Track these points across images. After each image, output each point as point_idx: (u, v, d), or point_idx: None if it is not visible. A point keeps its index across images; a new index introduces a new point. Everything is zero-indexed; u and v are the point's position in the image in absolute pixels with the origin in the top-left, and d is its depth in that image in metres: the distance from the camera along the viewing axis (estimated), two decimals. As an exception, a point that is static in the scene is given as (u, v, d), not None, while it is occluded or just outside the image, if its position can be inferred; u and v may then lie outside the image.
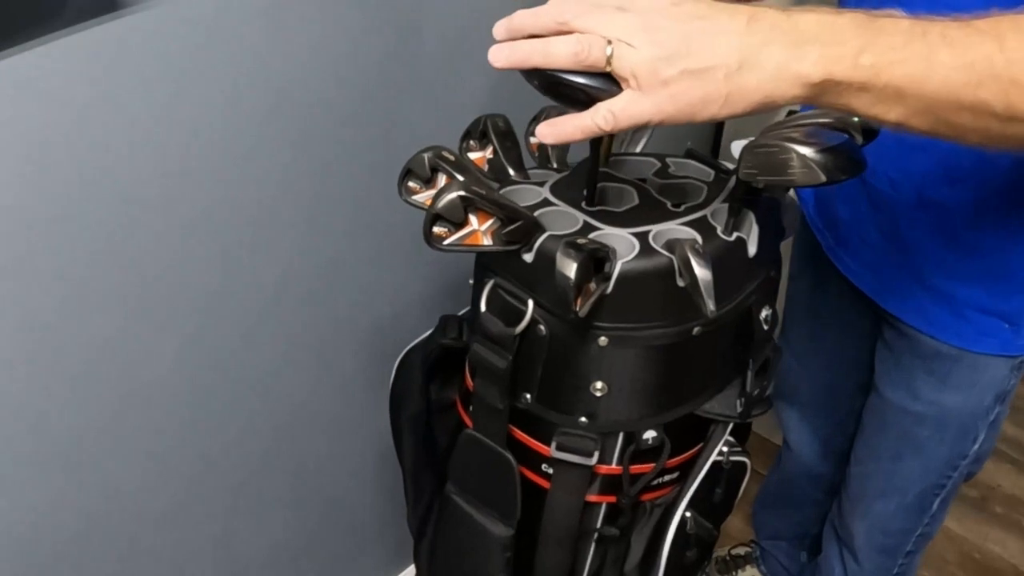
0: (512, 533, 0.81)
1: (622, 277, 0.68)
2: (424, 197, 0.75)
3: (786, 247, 1.27)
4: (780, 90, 0.55)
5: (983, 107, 0.53)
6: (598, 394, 0.74)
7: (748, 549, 1.70)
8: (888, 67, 0.53)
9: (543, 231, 0.71)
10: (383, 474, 1.21)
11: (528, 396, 0.77)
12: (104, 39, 0.69)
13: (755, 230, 0.74)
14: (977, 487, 1.88)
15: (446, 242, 0.67)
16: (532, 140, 0.83)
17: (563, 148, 0.84)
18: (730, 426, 0.83)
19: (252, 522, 1.11)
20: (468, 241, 0.67)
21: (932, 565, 1.72)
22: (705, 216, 0.75)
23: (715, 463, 0.83)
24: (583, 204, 0.75)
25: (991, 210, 0.85)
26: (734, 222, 0.73)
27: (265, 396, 1.03)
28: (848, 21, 0.55)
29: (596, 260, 0.66)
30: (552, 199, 0.76)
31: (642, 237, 0.71)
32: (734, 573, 1.69)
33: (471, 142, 0.82)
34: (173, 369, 0.89)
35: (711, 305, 0.65)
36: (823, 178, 0.61)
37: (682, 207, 0.76)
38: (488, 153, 0.81)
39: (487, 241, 0.68)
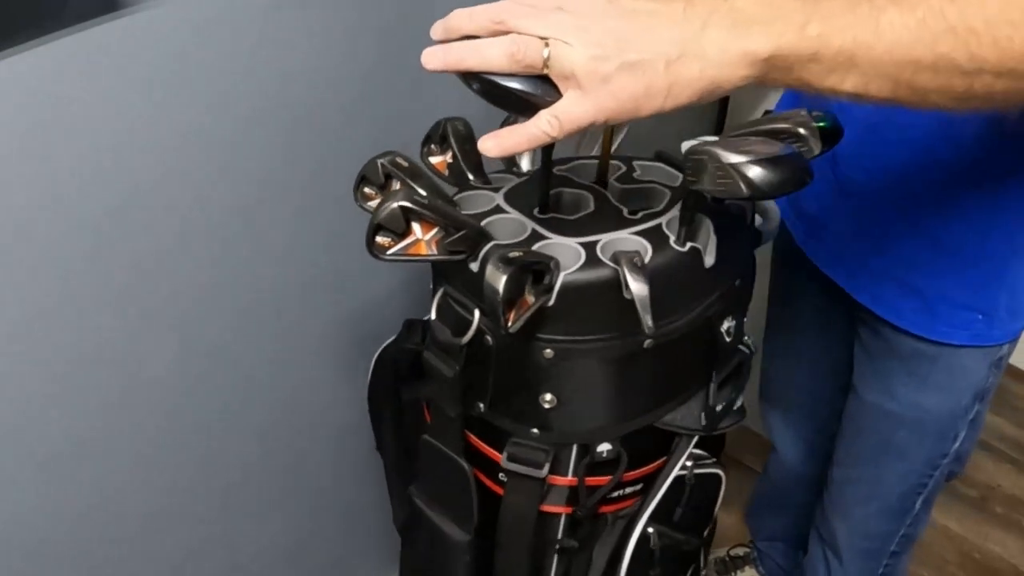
0: (470, 539, 0.80)
1: (565, 289, 0.66)
2: (377, 204, 0.74)
3: (765, 253, 1.27)
4: (725, 74, 0.54)
5: (944, 63, 0.51)
6: (547, 406, 0.73)
7: (747, 550, 1.71)
8: (836, 33, 0.52)
9: (489, 240, 0.69)
10: (381, 474, 1.21)
11: (481, 405, 0.76)
12: (104, 39, 0.69)
13: (712, 239, 0.71)
14: (977, 487, 1.88)
15: (389, 252, 0.65)
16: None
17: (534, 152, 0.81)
18: (694, 439, 0.81)
19: (250, 523, 1.11)
20: (411, 251, 0.66)
21: (932, 565, 1.72)
22: (660, 225, 0.72)
23: (678, 477, 0.82)
24: (535, 212, 0.73)
25: (962, 202, 0.83)
26: (687, 231, 0.70)
27: (262, 395, 1.03)
28: None
29: (535, 272, 0.65)
30: (505, 206, 0.74)
31: (590, 247, 0.69)
32: (733, 574, 1.69)
33: (432, 146, 0.80)
34: (170, 368, 0.90)
35: (648, 321, 0.62)
36: (744, 191, 0.58)
37: (639, 214, 0.74)
38: (448, 157, 0.79)
39: (431, 251, 0.66)
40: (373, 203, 0.74)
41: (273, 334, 0.99)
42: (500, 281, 0.60)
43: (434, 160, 0.80)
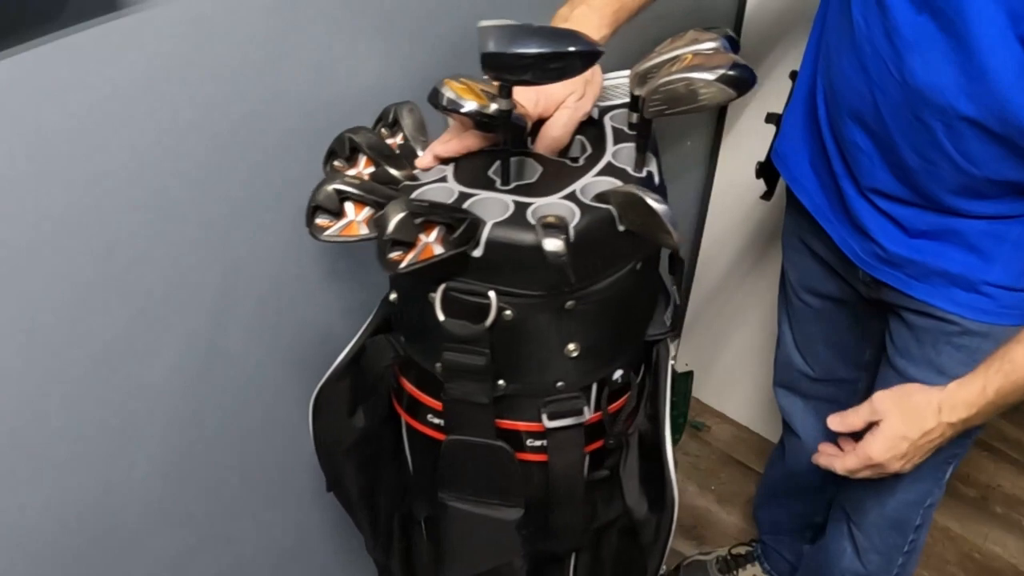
0: (522, 514, 0.83)
1: (578, 240, 0.70)
2: (351, 174, 0.78)
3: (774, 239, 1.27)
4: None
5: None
6: (573, 355, 0.77)
7: (749, 548, 1.71)
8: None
9: (484, 223, 0.71)
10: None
11: (502, 382, 0.78)
12: (104, 39, 0.69)
13: (654, 161, 0.79)
14: (977, 487, 1.88)
15: (327, 232, 0.68)
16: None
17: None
18: (667, 338, 0.88)
19: (251, 523, 1.11)
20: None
21: (932, 565, 1.72)
22: (610, 163, 0.79)
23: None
24: (499, 186, 0.77)
25: (1015, 203, 0.88)
26: (641, 159, 0.78)
27: (261, 395, 1.03)
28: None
29: (446, 225, 0.68)
30: (468, 191, 0.76)
31: (574, 198, 0.74)
32: (735, 572, 1.69)
33: (383, 129, 0.84)
34: (169, 368, 0.90)
35: (676, 236, 0.69)
36: (734, 94, 0.69)
37: (581, 160, 0.80)
38: (399, 139, 0.82)
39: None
40: (346, 173, 0.77)
41: (274, 334, 0.99)
42: (393, 222, 0.64)
43: (387, 142, 0.83)
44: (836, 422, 1.00)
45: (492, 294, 0.72)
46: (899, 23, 0.81)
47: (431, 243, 0.68)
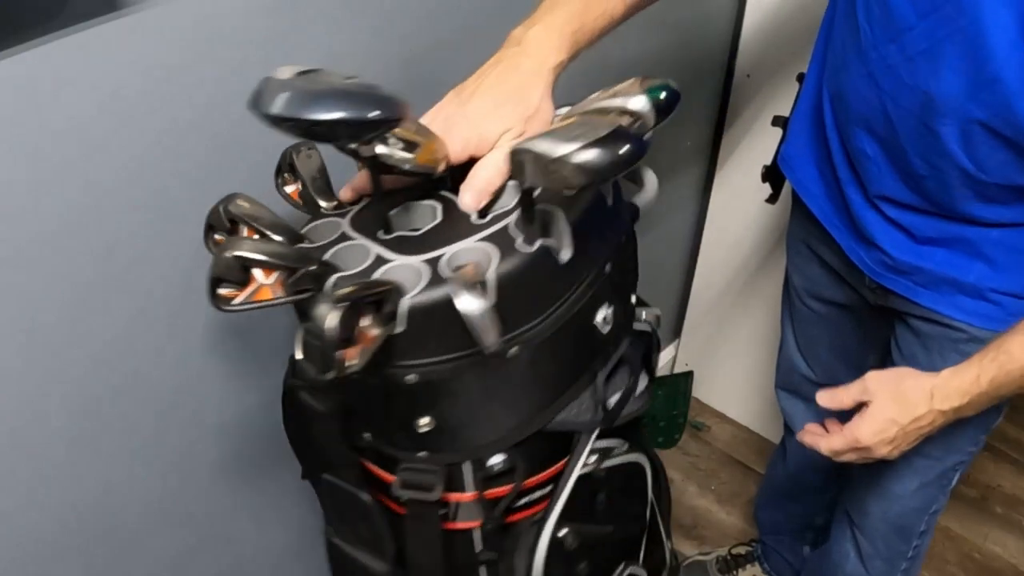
0: (389, 569, 0.79)
1: (413, 312, 0.63)
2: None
3: (780, 232, 1.27)
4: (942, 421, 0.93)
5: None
6: (424, 429, 0.70)
7: (749, 548, 1.71)
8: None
9: (334, 271, 0.66)
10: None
11: (367, 435, 0.74)
12: (104, 39, 0.69)
13: (566, 231, 0.66)
14: (977, 487, 1.88)
15: (234, 302, 0.62)
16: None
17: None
18: (594, 434, 0.78)
19: (252, 523, 1.11)
20: (257, 297, 0.63)
21: (932, 565, 1.72)
22: (507, 227, 0.67)
23: (585, 475, 0.79)
24: (380, 233, 0.70)
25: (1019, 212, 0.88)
26: (534, 229, 0.66)
27: (261, 395, 1.03)
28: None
29: (375, 303, 0.61)
30: (350, 232, 0.71)
31: (434, 263, 0.66)
32: (735, 572, 1.69)
33: (285, 175, 0.78)
34: (169, 367, 0.90)
35: (488, 339, 0.60)
36: (576, 181, 0.56)
37: (488, 216, 0.69)
38: (299, 186, 0.77)
39: (277, 294, 0.63)
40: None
41: (274, 334, 0.99)
42: (331, 322, 0.57)
43: (289, 189, 0.77)
44: (826, 398, 0.97)
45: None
46: (905, 29, 0.80)
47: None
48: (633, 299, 0.82)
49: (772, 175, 1.20)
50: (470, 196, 0.68)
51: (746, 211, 1.66)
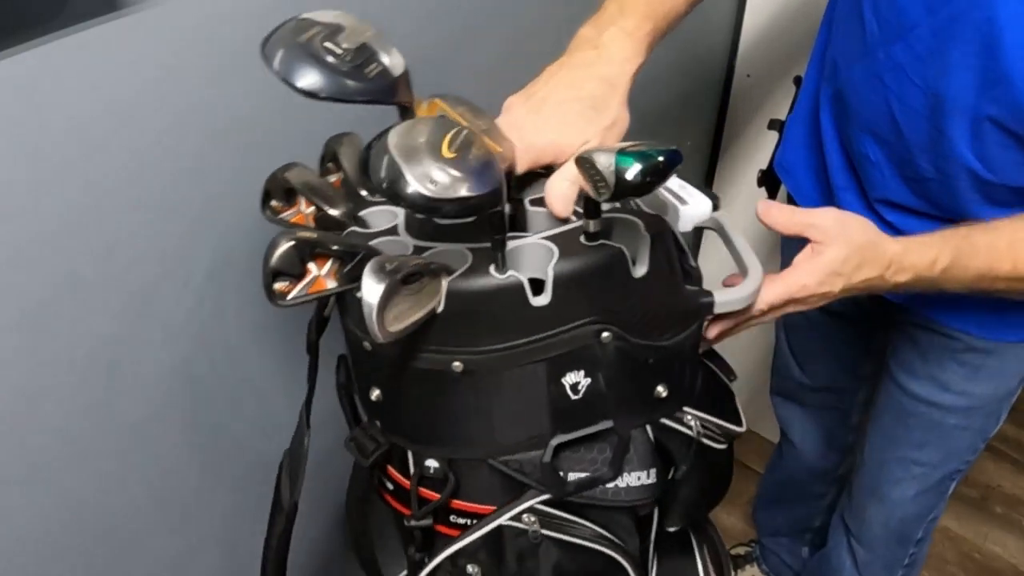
0: (295, 502, 0.85)
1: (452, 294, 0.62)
2: (289, 215, 0.73)
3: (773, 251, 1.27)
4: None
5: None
6: (372, 397, 0.71)
7: (748, 549, 1.71)
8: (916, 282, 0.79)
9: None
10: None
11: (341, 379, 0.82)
12: (104, 39, 0.69)
13: (551, 277, 0.63)
14: (977, 487, 1.88)
15: (290, 296, 0.62)
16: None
17: None
18: (543, 496, 0.71)
19: (251, 523, 1.11)
20: (313, 289, 0.62)
21: (932, 565, 1.72)
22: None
23: (510, 529, 0.73)
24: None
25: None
26: (500, 258, 0.63)
27: (261, 395, 1.03)
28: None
29: (413, 275, 0.61)
30: (402, 224, 0.71)
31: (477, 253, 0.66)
32: (734, 573, 1.69)
33: (329, 165, 0.78)
34: (168, 367, 0.90)
35: (373, 328, 0.56)
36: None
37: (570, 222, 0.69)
38: (342, 175, 0.76)
39: (332, 284, 0.62)
40: (284, 215, 0.73)
41: (275, 333, 0.99)
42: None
43: (331, 179, 0.77)
44: (772, 213, 0.84)
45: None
46: (914, 26, 0.79)
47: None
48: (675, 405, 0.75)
49: (768, 179, 1.19)
50: (559, 205, 0.65)
51: (745, 212, 1.66)
